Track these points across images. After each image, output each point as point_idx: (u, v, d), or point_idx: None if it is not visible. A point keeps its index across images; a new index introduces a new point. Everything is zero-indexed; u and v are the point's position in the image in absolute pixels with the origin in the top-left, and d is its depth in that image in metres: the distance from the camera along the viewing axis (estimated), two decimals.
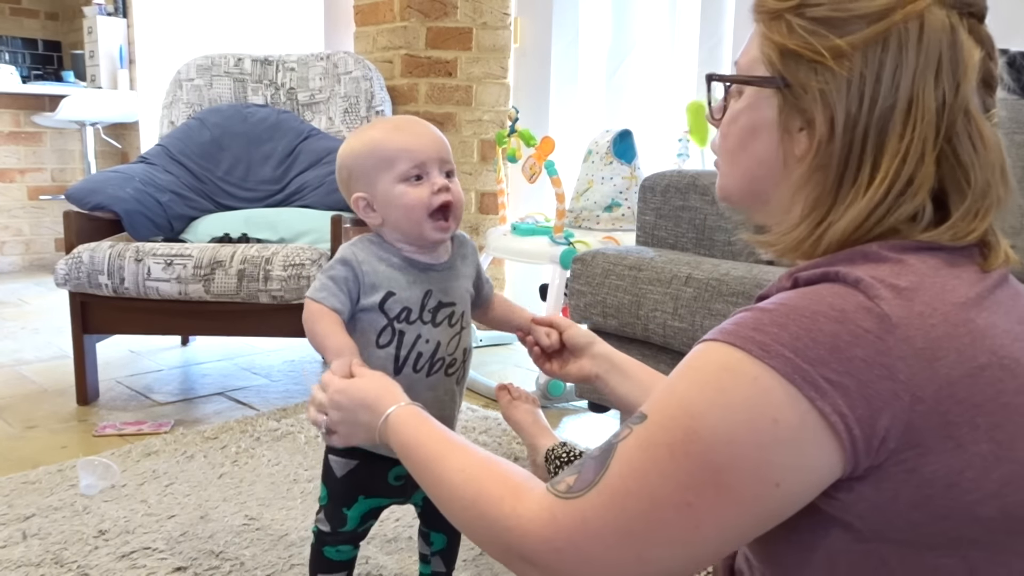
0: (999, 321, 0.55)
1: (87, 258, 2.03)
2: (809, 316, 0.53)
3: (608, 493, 0.56)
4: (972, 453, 0.51)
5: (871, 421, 0.50)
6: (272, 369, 2.54)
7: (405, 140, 1.04)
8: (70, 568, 1.30)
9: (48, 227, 4.50)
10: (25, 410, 2.12)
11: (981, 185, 0.58)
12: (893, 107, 0.57)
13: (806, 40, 0.59)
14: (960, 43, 0.58)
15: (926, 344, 0.52)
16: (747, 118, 0.64)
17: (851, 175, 0.58)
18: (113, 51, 4.26)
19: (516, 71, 2.89)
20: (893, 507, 0.53)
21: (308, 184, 2.51)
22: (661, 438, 0.55)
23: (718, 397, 0.53)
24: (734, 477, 0.52)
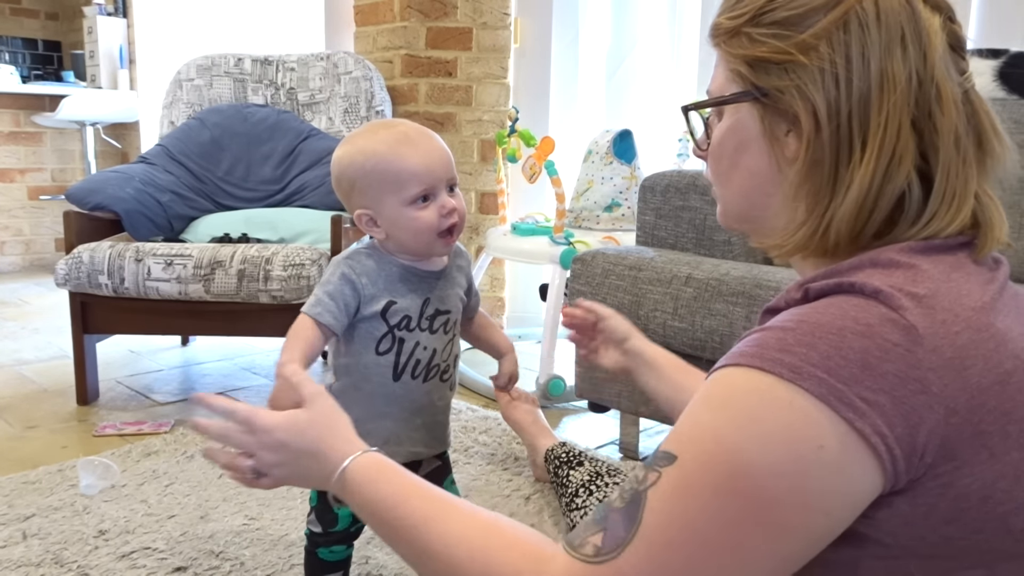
0: (1013, 324, 0.55)
1: (87, 258, 2.03)
2: (836, 332, 0.51)
3: (646, 548, 0.52)
4: (1005, 463, 0.50)
5: (910, 438, 0.49)
6: (272, 369, 2.54)
7: (415, 162, 1.01)
8: (70, 568, 1.30)
9: (48, 227, 4.50)
10: (25, 410, 2.12)
11: (948, 168, 0.58)
12: (868, 85, 0.57)
13: (771, 44, 0.60)
14: (918, 12, 0.58)
15: (954, 353, 0.50)
16: (732, 138, 0.65)
17: (845, 159, 0.58)
18: (113, 51, 4.26)
19: (516, 71, 2.89)
20: (927, 522, 0.51)
21: (308, 184, 2.51)
22: (700, 479, 0.52)
23: (755, 428, 0.51)
24: (785, 511, 0.50)
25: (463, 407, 2.13)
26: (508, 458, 1.79)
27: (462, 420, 2.03)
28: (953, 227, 0.58)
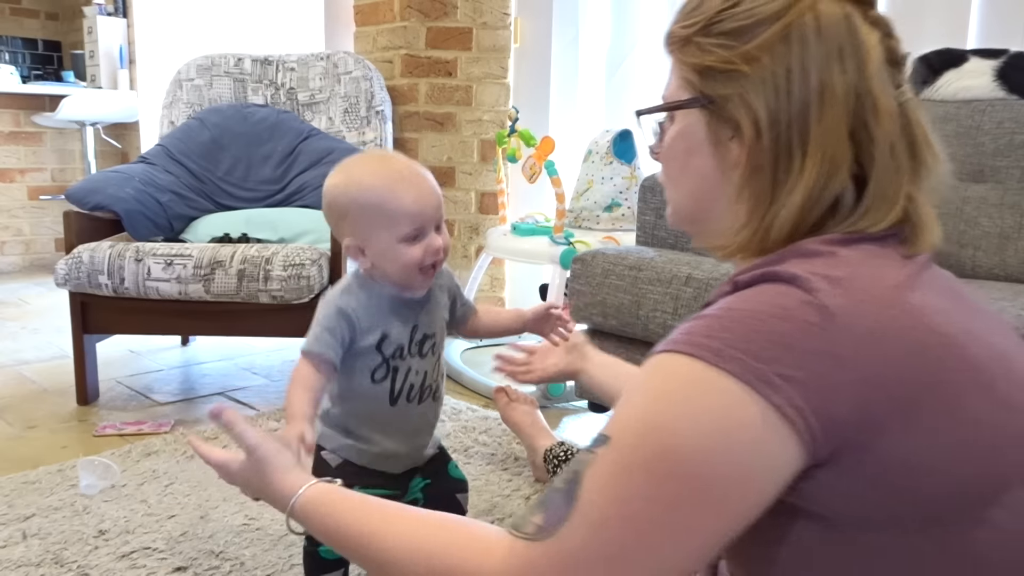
0: (932, 300, 0.57)
1: (87, 258, 2.03)
2: (756, 317, 0.54)
3: (585, 525, 0.55)
4: (922, 430, 0.53)
5: (827, 411, 0.52)
6: (272, 369, 2.54)
7: (409, 202, 1.05)
8: (70, 568, 1.30)
9: (48, 227, 4.50)
10: (25, 410, 2.12)
11: (883, 173, 0.61)
12: (808, 95, 0.60)
13: (718, 54, 0.63)
14: (857, 28, 0.62)
15: (868, 329, 0.54)
16: (682, 142, 0.68)
17: (784, 165, 0.61)
18: (113, 51, 4.26)
19: (516, 71, 2.89)
20: (853, 491, 0.54)
21: (308, 184, 2.51)
22: (631, 458, 0.55)
23: (681, 408, 0.54)
24: (713, 485, 0.53)
25: (463, 407, 2.13)
26: (508, 458, 1.79)
27: (462, 420, 2.03)
28: (881, 226, 0.61)
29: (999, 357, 0.57)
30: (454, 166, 2.86)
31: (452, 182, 2.88)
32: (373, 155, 1.13)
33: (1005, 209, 1.72)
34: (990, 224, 1.74)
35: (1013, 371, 0.57)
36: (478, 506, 1.55)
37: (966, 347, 0.56)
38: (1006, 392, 0.56)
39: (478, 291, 2.90)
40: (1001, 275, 1.71)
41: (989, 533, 0.54)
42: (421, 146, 2.86)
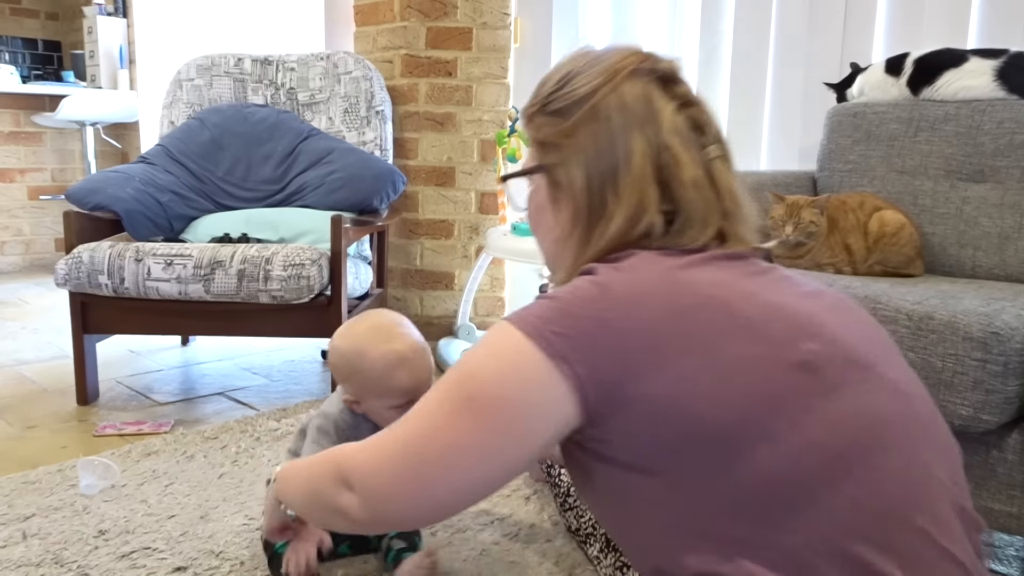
0: (704, 275, 0.71)
1: (87, 258, 2.03)
2: (556, 296, 0.71)
3: (403, 420, 0.76)
4: (683, 368, 0.65)
5: (591, 360, 0.66)
6: (272, 369, 2.54)
7: (404, 382, 1.21)
8: (70, 568, 1.30)
9: (48, 227, 4.50)
10: (25, 410, 2.12)
11: (690, 205, 0.76)
12: (615, 158, 0.76)
13: (547, 131, 0.81)
14: (653, 102, 0.78)
15: (632, 297, 0.68)
16: (533, 201, 0.86)
17: (599, 213, 0.77)
18: (113, 51, 4.26)
19: (516, 71, 2.89)
20: (639, 428, 0.66)
21: (308, 184, 2.51)
22: (444, 393, 0.73)
23: (483, 351, 0.72)
24: (488, 407, 0.69)
25: None
26: None
27: None
28: (698, 244, 0.76)
29: (784, 315, 0.69)
30: (454, 166, 2.86)
31: (452, 182, 2.88)
32: (377, 325, 1.26)
33: (1005, 209, 1.72)
34: (990, 224, 1.74)
35: (801, 326, 0.69)
36: (478, 505, 1.55)
37: (732, 305, 0.68)
38: (782, 340, 0.67)
39: (478, 291, 2.90)
40: (1001, 275, 1.71)
41: (749, 464, 0.63)
42: (421, 146, 2.86)
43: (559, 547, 1.39)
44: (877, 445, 0.65)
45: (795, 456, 0.63)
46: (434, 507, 0.73)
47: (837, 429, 0.64)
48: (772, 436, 0.64)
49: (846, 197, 1.81)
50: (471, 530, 1.45)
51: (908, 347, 1.23)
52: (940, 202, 1.82)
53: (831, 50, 2.31)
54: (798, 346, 0.67)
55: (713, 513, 0.64)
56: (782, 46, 2.42)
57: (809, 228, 1.72)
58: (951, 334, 1.19)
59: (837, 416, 0.65)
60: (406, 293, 2.94)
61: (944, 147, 1.83)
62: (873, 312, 1.28)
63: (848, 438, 0.64)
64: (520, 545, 1.40)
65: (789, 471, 0.63)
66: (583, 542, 1.35)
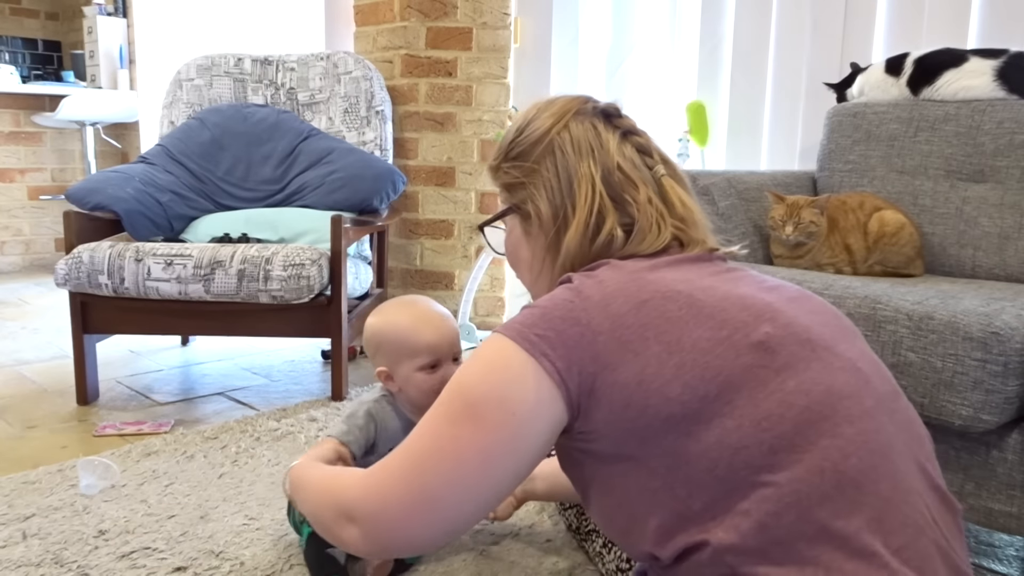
0: (669, 275, 0.79)
1: (87, 258, 2.03)
2: (537, 304, 0.78)
3: (405, 443, 0.79)
4: (648, 355, 0.71)
5: (568, 356, 0.73)
6: (272, 369, 2.54)
7: (428, 337, 1.29)
8: (70, 568, 1.30)
9: (48, 227, 4.50)
10: (25, 410, 2.12)
11: (643, 216, 0.86)
12: (571, 183, 0.88)
13: (512, 174, 0.92)
14: (600, 133, 0.90)
15: (601, 297, 0.76)
16: (510, 241, 0.96)
17: (562, 229, 0.88)
18: (113, 51, 4.26)
19: (516, 71, 2.89)
20: (612, 414, 0.72)
21: (308, 184, 2.51)
22: (437, 405, 0.78)
23: (473, 362, 0.78)
24: (482, 409, 0.74)
25: None
26: None
27: None
28: (652, 249, 0.85)
29: (742, 303, 0.75)
30: (454, 166, 2.86)
31: (452, 182, 2.88)
32: (405, 300, 1.37)
33: (1005, 209, 1.72)
34: (990, 224, 1.74)
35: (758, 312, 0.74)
36: None
37: (693, 296, 0.75)
38: (739, 324, 0.73)
39: (478, 291, 2.90)
40: (1001, 275, 1.71)
41: (715, 439, 0.68)
42: (421, 146, 2.86)
43: (559, 547, 1.39)
44: (836, 416, 0.69)
45: (753, 428, 0.68)
46: (443, 525, 0.75)
47: (791, 401, 0.69)
48: (732, 412, 0.69)
49: (846, 197, 1.81)
50: (471, 530, 1.45)
51: (908, 347, 1.23)
52: (940, 202, 1.82)
53: (831, 50, 2.31)
54: (755, 328, 0.73)
55: (690, 492, 0.69)
56: (782, 46, 2.42)
57: (809, 228, 1.72)
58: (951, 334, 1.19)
59: (793, 389, 0.70)
60: (406, 293, 2.94)
61: (944, 147, 1.83)
62: (873, 312, 1.28)
63: (802, 409, 0.69)
64: (520, 545, 1.40)
65: (750, 443, 0.68)
66: (584, 540, 1.35)
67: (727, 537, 0.66)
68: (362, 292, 2.40)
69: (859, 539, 0.64)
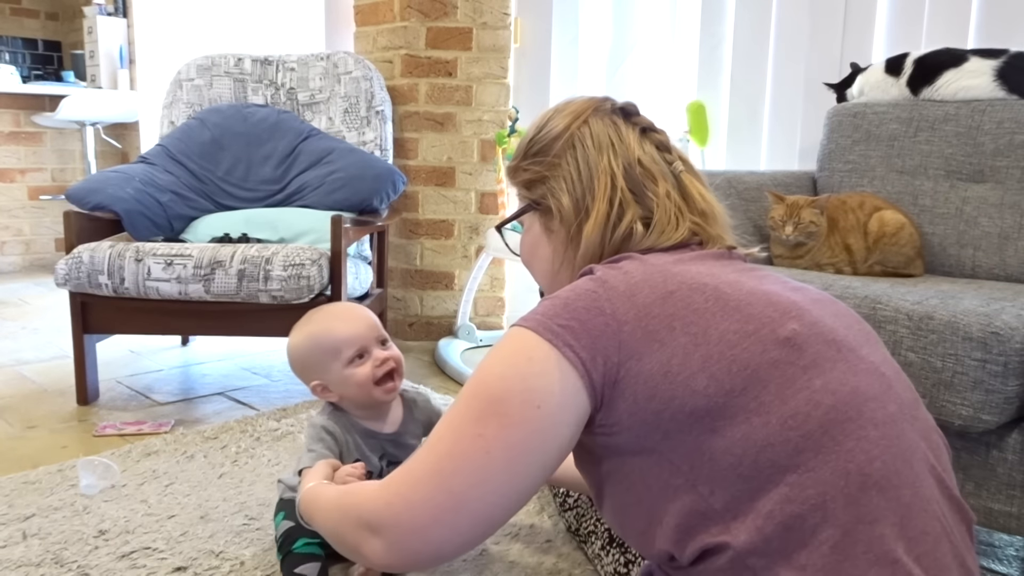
0: (693, 268, 0.78)
1: (87, 258, 2.03)
2: (559, 295, 0.77)
3: (424, 447, 0.77)
4: (674, 345, 0.70)
5: (593, 346, 0.72)
6: (272, 369, 2.54)
7: (341, 331, 1.26)
8: (70, 568, 1.30)
9: (48, 227, 4.50)
10: (25, 410, 2.12)
11: (663, 209, 0.87)
12: (591, 177, 0.88)
13: (533, 170, 0.92)
14: (620, 129, 0.91)
15: (627, 287, 0.75)
16: (528, 238, 0.96)
17: (582, 222, 0.88)
18: (113, 51, 4.26)
19: (516, 71, 2.89)
20: (637, 405, 0.70)
21: (308, 184, 2.51)
22: (459, 401, 0.76)
23: (498, 358, 0.76)
24: (506, 404, 0.72)
25: None
26: None
27: None
28: (669, 243, 0.85)
29: (768, 300, 0.74)
30: (454, 166, 2.86)
31: (452, 182, 2.88)
32: (309, 313, 1.35)
33: (1005, 209, 1.72)
34: (990, 224, 1.74)
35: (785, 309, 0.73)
36: None
37: (720, 289, 0.74)
38: (767, 319, 0.72)
39: (478, 291, 2.90)
40: (1001, 275, 1.71)
41: (740, 435, 0.67)
42: (421, 146, 2.86)
43: (559, 547, 1.39)
44: (860, 417, 0.68)
45: (780, 426, 0.67)
46: (471, 528, 0.73)
47: (818, 400, 0.68)
48: (760, 408, 0.67)
49: (846, 197, 1.81)
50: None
51: (908, 347, 1.23)
52: (940, 202, 1.82)
53: (831, 50, 2.31)
54: (783, 324, 0.72)
55: (712, 490, 0.67)
56: (782, 46, 2.42)
57: (809, 228, 1.72)
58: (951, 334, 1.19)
59: (820, 388, 0.68)
60: (406, 293, 2.94)
61: (944, 147, 1.83)
62: (873, 312, 1.28)
63: (829, 408, 0.68)
64: (520, 545, 1.40)
65: (776, 440, 0.66)
66: (583, 541, 1.35)
67: (749, 539, 0.65)
68: (362, 292, 2.40)
69: (882, 545, 0.63)
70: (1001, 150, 1.74)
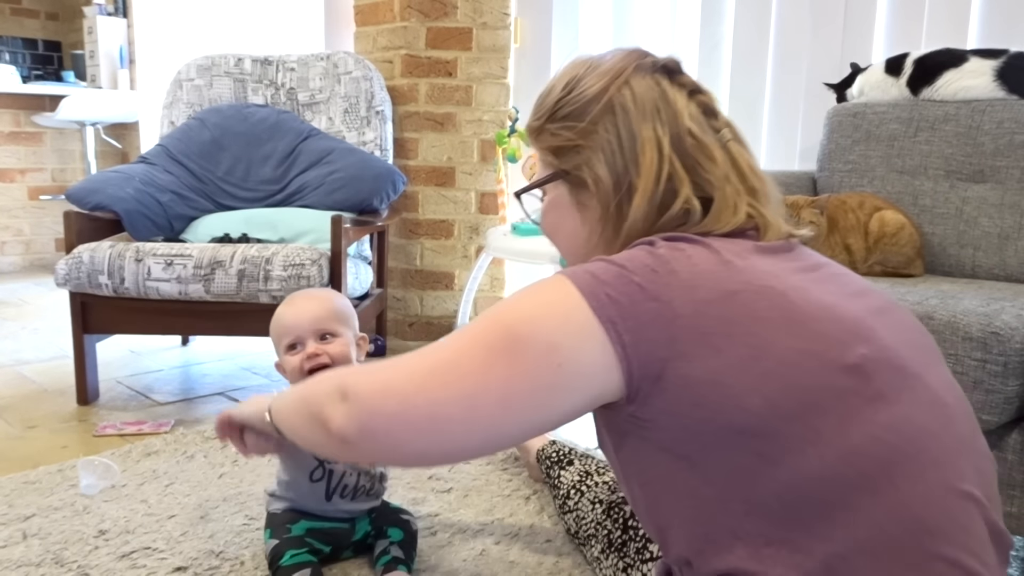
0: (759, 264, 0.70)
1: (87, 258, 2.03)
2: (614, 259, 0.70)
3: (430, 346, 0.71)
4: (729, 356, 0.64)
5: (639, 332, 0.65)
6: (272, 369, 2.54)
7: (286, 318, 1.29)
8: (70, 568, 1.30)
9: (48, 227, 4.50)
10: (25, 410, 2.12)
11: (720, 187, 0.77)
12: (635, 148, 0.77)
13: (563, 136, 0.81)
14: (666, 91, 0.80)
15: (689, 276, 0.67)
16: (553, 210, 0.86)
17: (625, 205, 0.78)
18: (113, 51, 4.26)
19: (516, 71, 2.89)
20: (680, 409, 0.64)
21: (308, 184, 2.51)
22: (479, 320, 0.70)
23: (531, 295, 0.70)
24: (524, 347, 0.66)
25: None
26: (508, 458, 1.79)
27: None
28: (727, 228, 0.76)
29: (836, 316, 0.67)
30: (454, 166, 2.86)
31: (452, 182, 2.88)
32: (295, 292, 1.38)
33: (1005, 209, 1.72)
34: (990, 224, 1.74)
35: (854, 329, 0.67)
36: (478, 506, 1.55)
37: (787, 297, 0.67)
38: (835, 340, 0.65)
39: (478, 291, 2.90)
40: (1001, 275, 1.71)
41: (790, 464, 0.62)
42: (421, 146, 2.86)
43: (559, 547, 1.39)
44: (921, 457, 0.63)
45: (837, 461, 0.61)
46: (434, 445, 0.67)
47: (881, 437, 0.63)
48: (816, 438, 0.62)
49: (846, 197, 1.81)
50: (471, 530, 1.45)
51: None
52: (940, 202, 1.82)
53: (831, 50, 2.31)
54: (851, 349, 0.65)
55: (747, 511, 0.63)
56: (782, 46, 2.42)
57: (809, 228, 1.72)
58: (951, 334, 1.19)
59: (882, 424, 0.63)
60: (406, 293, 2.94)
61: (944, 147, 1.83)
62: None
63: (891, 448, 0.63)
64: (520, 545, 1.40)
65: (830, 476, 0.61)
66: (582, 544, 1.35)
67: (785, 574, 0.61)
68: (362, 292, 2.40)
69: None
70: (1001, 150, 1.74)
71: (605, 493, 1.31)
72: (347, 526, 1.31)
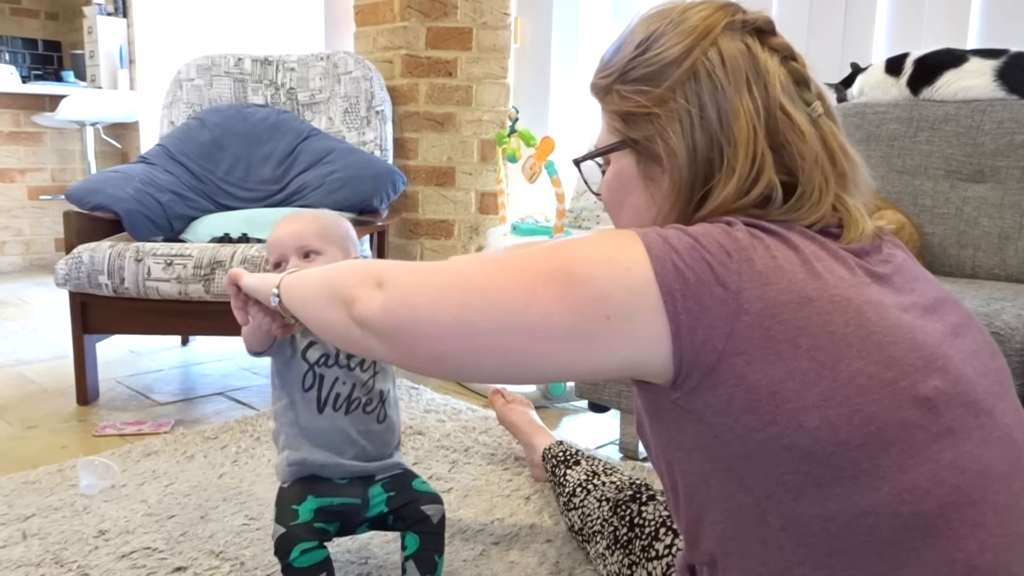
0: (837, 270, 0.64)
1: (87, 258, 2.03)
2: (687, 230, 0.64)
3: (470, 257, 0.68)
4: (792, 367, 0.58)
5: (698, 315, 0.59)
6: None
7: (272, 236, 1.29)
8: (70, 568, 1.30)
9: (48, 227, 4.50)
10: (25, 410, 2.12)
11: (808, 171, 0.68)
12: (721, 121, 0.68)
13: (635, 100, 0.71)
14: (757, 55, 0.70)
15: (765, 270, 0.61)
16: (617, 181, 0.76)
17: (702, 184, 0.69)
18: (113, 51, 4.26)
19: (516, 71, 2.89)
20: (729, 410, 0.59)
21: (308, 184, 2.51)
22: (540, 247, 0.66)
23: (596, 240, 0.64)
24: (578, 286, 0.61)
25: (463, 407, 2.13)
26: (508, 458, 1.79)
27: (462, 420, 2.03)
28: (808, 221, 0.68)
29: (912, 340, 0.61)
30: (454, 166, 2.86)
31: (452, 182, 2.88)
32: None
33: (1005, 209, 1.72)
34: (990, 224, 1.74)
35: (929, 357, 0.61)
36: (478, 506, 1.55)
37: (863, 314, 0.61)
38: (909, 369, 0.60)
39: None
40: (1001, 275, 1.71)
41: (844, 496, 0.57)
42: (421, 146, 2.86)
43: (559, 547, 1.39)
44: (983, 501, 0.60)
45: (892, 497, 0.58)
46: (456, 353, 0.64)
47: (943, 476, 0.59)
48: (873, 470, 0.58)
49: None
50: (471, 530, 1.45)
51: None
52: (940, 202, 1.82)
53: (831, 50, 2.31)
54: (924, 380, 0.60)
55: (784, 527, 0.60)
56: None
57: None
58: None
59: (948, 464, 0.59)
60: None
61: (944, 147, 1.83)
62: None
63: (952, 488, 0.59)
64: (520, 545, 1.40)
65: (883, 511, 0.57)
66: (586, 541, 1.35)
67: None
68: None
69: None
70: (1001, 150, 1.74)
71: (612, 492, 1.31)
72: (358, 501, 1.21)
